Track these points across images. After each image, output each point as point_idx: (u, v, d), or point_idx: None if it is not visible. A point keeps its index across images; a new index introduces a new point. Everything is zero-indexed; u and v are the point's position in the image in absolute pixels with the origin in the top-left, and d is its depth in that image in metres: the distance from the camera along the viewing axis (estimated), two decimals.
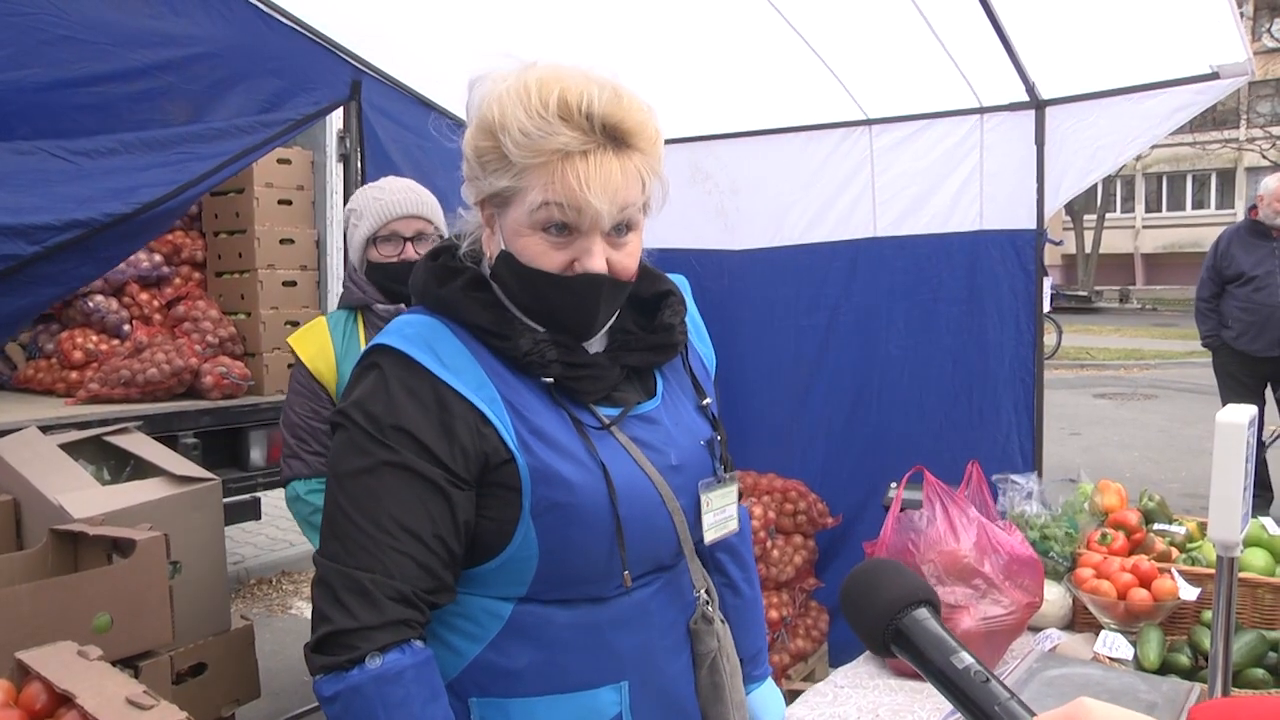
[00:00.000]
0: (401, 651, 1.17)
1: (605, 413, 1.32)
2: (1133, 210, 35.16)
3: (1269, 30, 25.34)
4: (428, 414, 1.21)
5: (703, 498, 1.39)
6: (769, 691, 1.69)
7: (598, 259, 1.23)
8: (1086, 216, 30.39)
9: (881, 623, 0.93)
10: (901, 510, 2.13)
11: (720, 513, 1.42)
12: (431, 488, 1.20)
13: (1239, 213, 32.19)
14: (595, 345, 1.37)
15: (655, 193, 1.29)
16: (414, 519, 1.19)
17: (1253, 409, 1.51)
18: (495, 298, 1.31)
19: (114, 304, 4.89)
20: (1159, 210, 34.96)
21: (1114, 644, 2.09)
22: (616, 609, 1.32)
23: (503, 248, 1.28)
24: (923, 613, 0.92)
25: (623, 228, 1.26)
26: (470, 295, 1.29)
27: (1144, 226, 34.91)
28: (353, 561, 1.18)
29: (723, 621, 1.48)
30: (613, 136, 1.20)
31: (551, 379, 1.27)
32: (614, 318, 1.36)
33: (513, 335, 1.27)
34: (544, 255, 1.24)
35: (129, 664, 1.82)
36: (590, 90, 1.19)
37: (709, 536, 1.40)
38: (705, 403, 1.46)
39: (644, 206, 1.28)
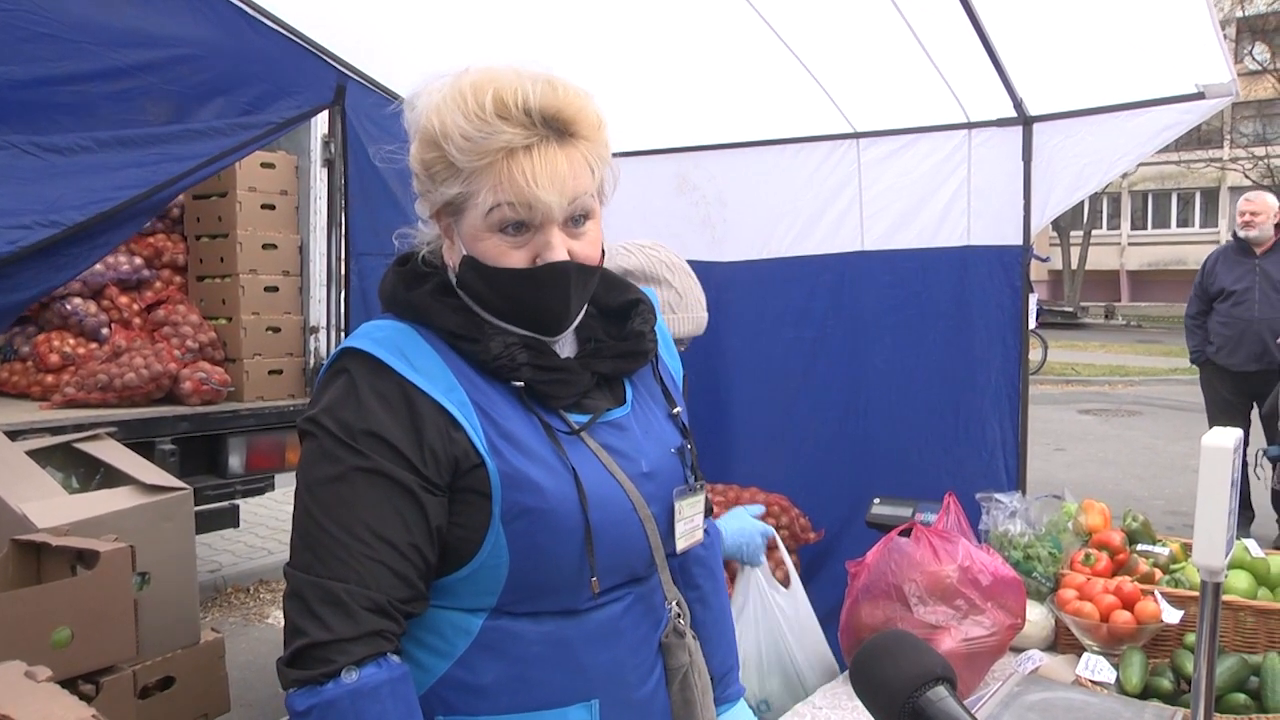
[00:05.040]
0: (378, 665, 1.14)
1: (575, 419, 1.30)
2: (1119, 227, 35.42)
3: (1251, 53, 25.63)
4: (398, 417, 1.19)
5: (676, 505, 1.38)
6: (741, 713, 1.66)
7: (558, 251, 1.23)
8: (1073, 233, 30.60)
9: (898, 701, 0.90)
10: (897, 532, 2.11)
11: (690, 522, 1.42)
12: (405, 493, 1.18)
13: (1222, 231, 32.53)
14: (565, 350, 1.36)
15: (607, 179, 1.29)
16: (388, 526, 1.17)
17: (1238, 432, 1.48)
18: (463, 303, 1.30)
19: (92, 307, 4.84)
20: (1144, 228, 35.24)
21: (1096, 667, 2.07)
22: (587, 624, 1.29)
23: (465, 254, 1.27)
24: (940, 691, 0.90)
25: (579, 218, 1.26)
26: (439, 300, 1.29)
27: (1129, 244, 35.16)
28: (326, 571, 1.15)
29: (694, 636, 1.47)
30: (554, 127, 1.21)
31: (522, 383, 1.26)
32: (583, 312, 1.35)
33: (483, 338, 1.26)
34: (506, 255, 1.24)
35: (90, 679, 1.77)
36: (524, 85, 1.19)
37: (680, 545, 1.39)
38: (675, 411, 1.46)
39: (598, 193, 1.28)
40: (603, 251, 1.33)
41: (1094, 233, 32.00)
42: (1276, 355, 5.91)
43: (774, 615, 2.33)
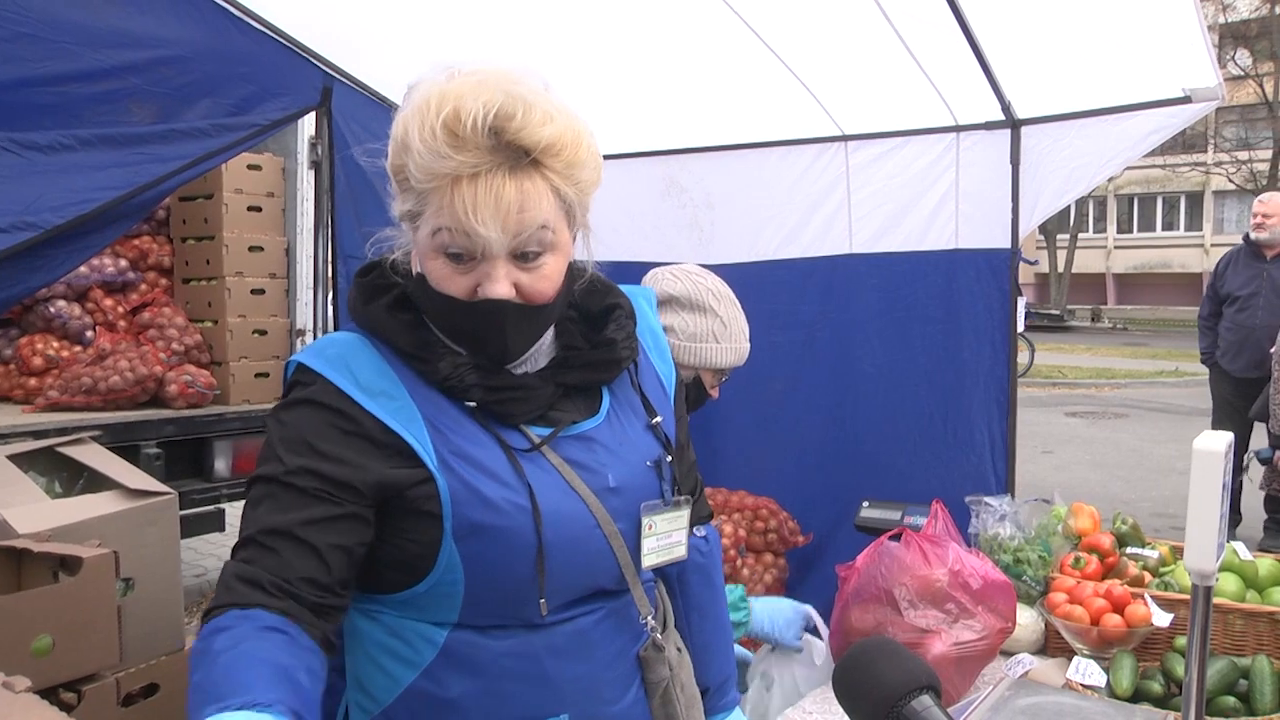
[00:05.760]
0: (241, 610, 1.08)
1: (537, 433, 1.27)
2: (1105, 230, 35.63)
3: (1233, 58, 25.87)
4: (333, 435, 1.19)
5: (644, 520, 1.32)
6: None
7: (499, 285, 1.18)
8: (1059, 236, 30.78)
9: (882, 711, 0.89)
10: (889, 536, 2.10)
11: (665, 537, 1.36)
12: (322, 509, 1.16)
13: (1207, 235, 32.80)
14: (540, 361, 1.33)
15: (579, 205, 1.22)
16: (292, 527, 1.15)
17: (1229, 435, 1.48)
18: (417, 319, 1.27)
19: (76, 309, 4.81)
20: (1130, 231, 35.46)
21: (1087, 670, 2.07)
22: (554, 637, 1.26)
23: (418, 270, 1.25)
24: (924, 700, 0.88)
25: (529, 254, 1.19)
26: (393, 316, 1.26)
27: (1115, 247, 35.37)
28: (237, 556, 1.16)
29: (679, 649, 1.43)
30: (509, 153, 1.14)
31: (474, 403, 1.24)
32: (543, 338, 1.31)
33: (432, 359, 1.24)
34: (448, 280, 1.20)
35: (72, 688, 1.75)
36: (479, 106, 1.11)
37: (648, 561, 1.34)
38: (655, 421, 1.40)
39: (569, 221, 1.23)
40: (573, 271, 1.29)
41: (1080, 236, 32.19)
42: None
43: (774, 701, 2.26)
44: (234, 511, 4.86)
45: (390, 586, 1.24)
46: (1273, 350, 5.77)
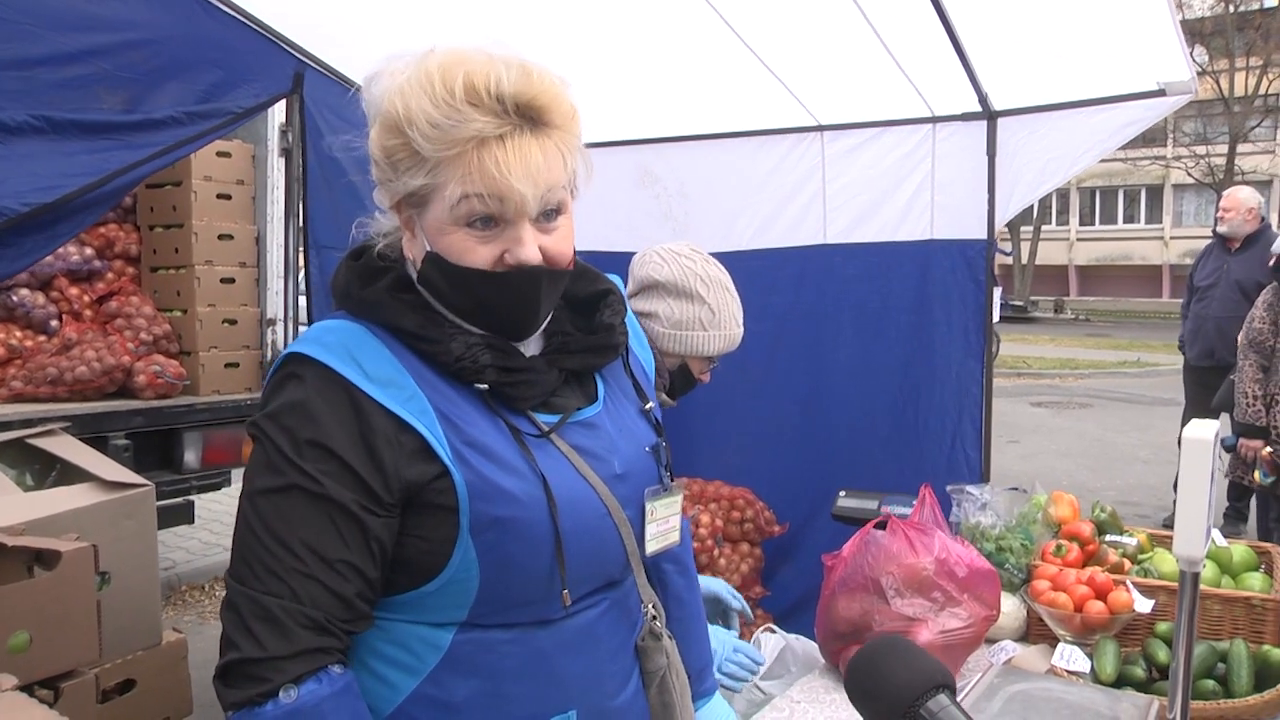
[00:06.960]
0: (318, 681, 1.09)
1: (544, 420, 1.25)
2: (1067, 223, 36.01)
3: (1191, 55, 26.28)
4: (346, 429, 1.13)
5: (647, 506, 1.33)
6: (718, 707, 1.64)
7: (529, 248, 1.17)
8: (1023, 228, 31.10)
9: (898, 710, 0.88)
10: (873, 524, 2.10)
11: (664, 523, 1.37)
12: (345, 513, 1.12)
13: (1166, 228, 33.30)
14: (531, 348, 1.30)
15: (580, 171, 1.22)
16: (326, 544, 1.12)
17: (1216, 424, 1.50)
18: (422, 300, 1.23)
19: (40, 298, 4.71)
20: (1092, 224, 35.87)
21: (1071, 657, 2.09)
22: (562, 633, 1.25)
23: (428, 249, 1.20)
24: (941, 700, 0.88)
25: (551, 212, 1.19)
26: (396, 297, 1.22)
27: (1078, 239, 35.78)
28: (260, 586, 1.10)
29: (670, 637, 1.43)
30: (527, 116, 1.14)
31: (486, 385, 1.20)
32: (550, 317, 1.30)
33: (443, 340, 1.20)
34: (471, 252, 1.17)
35: (49, 685, 1.71)
36: (496, 70, 1.12)
37: (651, 548, 1.34)
38: (648, 407, 1.40)
39: (570, 186, 1.22)
40: (580, 262, 1.28)
41: (1043, 228, 32.52)
42: (1227, 353, 6.02)
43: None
44: (202, 503, 4.79)
45: (394, 589, 1.20)
46: (1239, 335, 5.88)
